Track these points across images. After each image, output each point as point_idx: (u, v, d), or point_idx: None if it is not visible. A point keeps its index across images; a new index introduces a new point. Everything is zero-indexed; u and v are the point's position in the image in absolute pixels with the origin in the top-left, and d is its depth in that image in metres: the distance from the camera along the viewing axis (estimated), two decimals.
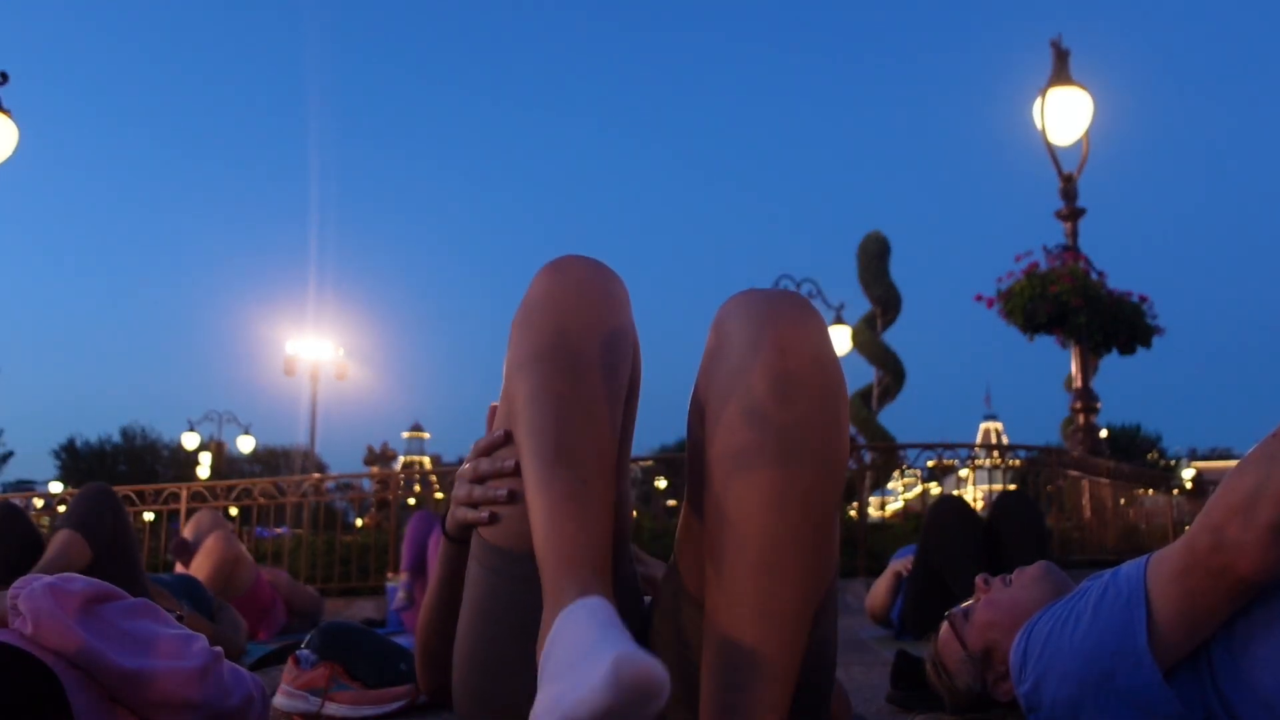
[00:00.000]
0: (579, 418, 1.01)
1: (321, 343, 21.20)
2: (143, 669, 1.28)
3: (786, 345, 0.94)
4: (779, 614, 0.91)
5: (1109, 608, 1.29)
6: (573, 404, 1.01)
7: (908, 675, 1.99)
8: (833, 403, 0.95)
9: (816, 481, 0.93)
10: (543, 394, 1.02)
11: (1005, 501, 3.63)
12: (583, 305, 1.06)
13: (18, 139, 7.71)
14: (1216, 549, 1.17)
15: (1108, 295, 8.34)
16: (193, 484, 7.40)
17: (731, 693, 0.91)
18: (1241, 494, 1.15)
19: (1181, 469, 33.05)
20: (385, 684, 2.05)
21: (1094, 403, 8.65)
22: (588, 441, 1.00)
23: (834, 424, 0.95)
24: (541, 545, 0.94)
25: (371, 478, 9.38)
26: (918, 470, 7.15)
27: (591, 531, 0.94)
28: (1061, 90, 8.89)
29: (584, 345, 1.04)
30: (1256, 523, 1.13)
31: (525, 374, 1.04)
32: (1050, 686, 1.35)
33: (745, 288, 1.01)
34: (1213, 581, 1.19)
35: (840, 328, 14.72)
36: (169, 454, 35.29)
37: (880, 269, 13.98)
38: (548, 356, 1.03)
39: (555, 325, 1.05)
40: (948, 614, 1.71)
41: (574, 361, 1.03)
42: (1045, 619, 1.41)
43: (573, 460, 0.98)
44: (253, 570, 4.38)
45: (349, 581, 6.62)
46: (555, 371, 1.03)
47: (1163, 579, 1.24)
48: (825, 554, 0.96)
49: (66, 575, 1.34)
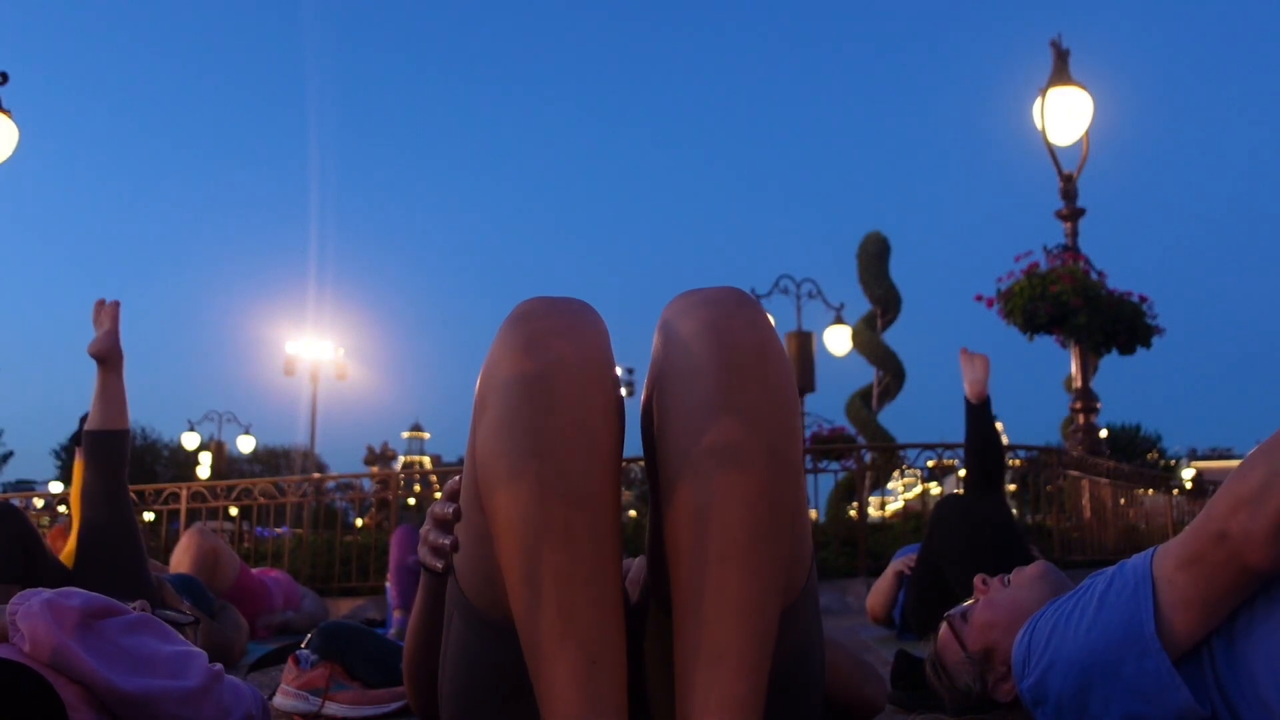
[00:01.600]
0: (582, 573, 0.88)
1: (321, 343, 21.20)
2: (141, 689, 1.26)
3: (729, 341, 0.93)
4: (739, 604, 0.89)
5: (1116, 597, 1.30)
6: (571, 548, 0.88)
7: (908, 675, 1.99)
8: (781, 394, 0.94)
9: (771, 473, 0.91)
10: (531, 529, 0.89)
11: (941, 509, 3.47)
12: (572, 393, 0.91)
13: (18, 138, 7.72)
14: (1224, 538, 1.18)
15: (1108, 295, 8.33)
16: (193, 484, 7.40)
17: (692, 685, 0.89)
18: (1250, 485, 1.16)
19: (1181, 469, 33.05)
20: (385, 684, 2.05)
21: (1094, 403, 8.65)
22: (593, 609, 0.89)
23: (784, 413, 0.93)
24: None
25: (371, 478, 9.36)
26: (918, 470, 7.14)
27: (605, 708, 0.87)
28: (1061, 90, 8.88)
29: (578, 451, 0.90)
30: (1264, 512, 1.14)
31: (504, 486, 0.90)
32: (1056, 678, 1.35)
33: (747, 289, 1.00)
34: (1220, 571, 1.20)
35: (840, 328, 14.72)
36: (169, 454, 35.24)
37: (880, 269, 13.97)
38: (531, 473, 0.89)
39: (537, 427, 0.90)
40: (946, 615, 1.71)
41: (568, 478, 0.89)
42: (1049, 613, 1.41)
43: (577, 629, 0.87)
44: (235, 563, 4.39)
45: (349, 581, 6.62)
46: (545, 493, 0.89)
47: (1170, 568, 1.25)
48: (789, 547, 0.94)
49: (65, 591, 1.33)
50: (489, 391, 0.93)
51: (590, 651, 0.87)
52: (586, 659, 0.87)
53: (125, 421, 3.03)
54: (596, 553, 0.89)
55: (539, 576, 0.88)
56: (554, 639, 0.87)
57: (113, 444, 2.97)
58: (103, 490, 2.95)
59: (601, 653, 0.88)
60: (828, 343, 14.87)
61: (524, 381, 0.91)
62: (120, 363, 3.01)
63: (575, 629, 0.87)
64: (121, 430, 3.01)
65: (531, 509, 0.89)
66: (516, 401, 0.91)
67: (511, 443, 0.90)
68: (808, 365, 14.48)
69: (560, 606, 0.88)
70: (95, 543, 2.89)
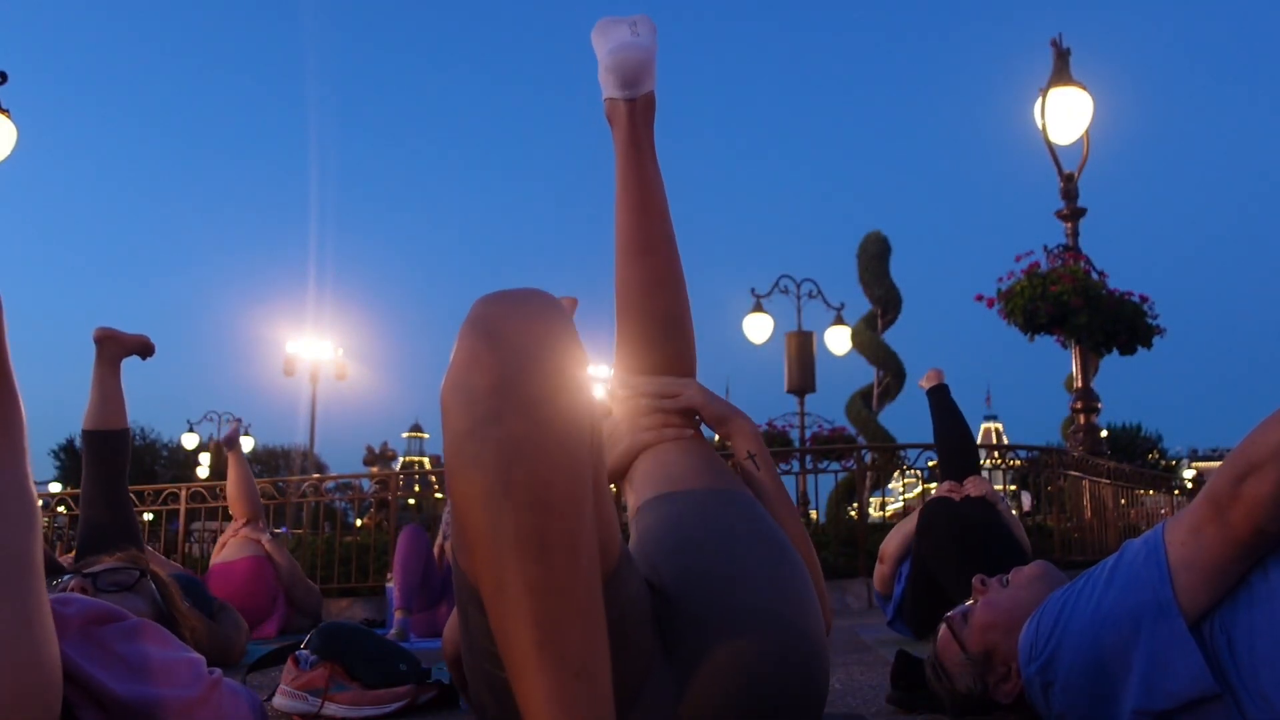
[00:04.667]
0: (559, 582, 0.85)
1: (321, 343, 21.17)
2: (138, 696, 1.25)
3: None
4: (515, 590, 0.85)
5: (1128, 567, 1.30)
6: (546, 558, 0.85)
7: (908, 676, 1.99)
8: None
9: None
10: (502, 539, 0.85)
11: (927, 515, 3.38)
12: (536, 395, 0.87)
13: (17, 138, 7.72)
14: (1235, 500, 1.19)
15: (1108, 295, 8.33)
16: (192, 484, 7.40)
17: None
18: (1264, 448, 1.17)
19: (1182, 469, 33.04)
20: (385, 684, 2.05)
21: (1094, 403, 8.65)
22: (573, 619, 0.85)
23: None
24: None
25: (371, 478, 9.37)
26: (918, 470, 7.14)
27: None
28: (1062, 90, 8.88)
29: (545, 456, 0.86)
30: (1274, 476, 1.15)
31: (472, 498, 0.86)
32: (1068, 654, 1.35)
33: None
34: (1232, 533, 1.20)
35: (840, 328, 14.72)
36: (168, 454, 35.24)
37: (880, 269, 13.98)
38: (498, 481, 0.85)
39: (499, 436, 0.85)
40: (946, 616, 1.71)
41: (538, 485, 0.85)
42: (1055, 600, 1.41)
43: (557, 641, 0.84)
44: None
45: (349, 582, 6.63)
46: (514, 501, 0.85)
47: (1181, 534, 1.25)
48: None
49: (64, 597, 1.31)
50: (451, 401, 0.88)
51: (573, 663, 0.84)
52: (569, 671, 0.84)
53: (124, 421, 3.01)
54: (573, 561, 0.86)
55: (514, 588, 0.84)
56: (533, 652, 0.84)
57: (115, 444, 2.95)
58: (101, 492, 2.93)
59: (586, 663, 0.85)
60: (828, 343, 14.87)
61: (485, 387, 0.86)
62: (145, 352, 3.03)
63: (555, 641, 0.84)
64: (120, 430, 2.99)
65: (501, 519, 0.84)
66: (479, 410, 0.86)
67: (476, 452, 0.85)
68: (808, 365, 14.48)
69: (538, 618, 0.84)
70: (96, 542, 2.89)
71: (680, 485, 1.43)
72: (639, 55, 1.69)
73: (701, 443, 1.56)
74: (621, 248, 1.70)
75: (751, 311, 15.01)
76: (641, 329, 1.65)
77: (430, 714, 2.08)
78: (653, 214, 1.70)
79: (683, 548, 1.28)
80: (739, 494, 1.44)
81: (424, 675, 2.13)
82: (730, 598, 1.20)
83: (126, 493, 3.03)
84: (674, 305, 1.67)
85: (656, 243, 1.69)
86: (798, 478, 7.39)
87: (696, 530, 1.32)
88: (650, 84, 1.74)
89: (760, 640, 1.17)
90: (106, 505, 2.94)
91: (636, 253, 1.68)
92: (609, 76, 1.72)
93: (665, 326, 1.65)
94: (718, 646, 1.14)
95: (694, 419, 1.59)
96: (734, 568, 1.25)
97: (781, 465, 7.54)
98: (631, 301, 1.66)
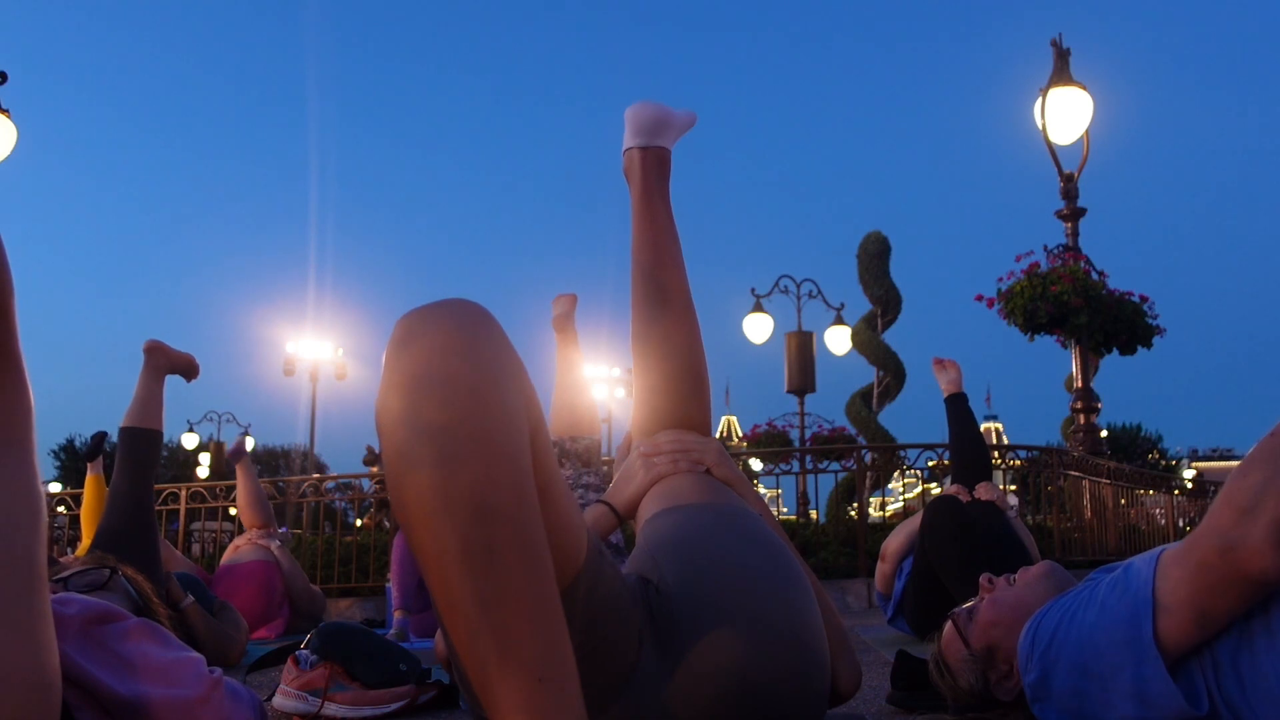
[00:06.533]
0: (514, 589, 0.84)
1: (321, 343, 21.16)
2: (137, 696, 1.25)
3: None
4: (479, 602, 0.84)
5: (1117, 601, 1.29)
6: (496, 567, 0.84)
7: (908, 675, 1.99)
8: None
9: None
10: (450, 553, 0.84)
11: (931, 514, 3.29)
12: (467, 406, 0.85)
13: (16, 138, 7.72)
14: (1224, 550, 1.17)
15: (1108, 295, 8.33)
16: (192, 484, 7.40)
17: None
18: (1246, 493, 1.15)
19: (1182, 469, 33.05)
20: (385, 684, 2.05)
21: (1094, 403, 8.64)
22: (531, 625, 0.85)
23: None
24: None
25: (371, 478, 9.35)
26: (918, 470, 7.13)
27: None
28: (1062, 90, 8.88)
29: (483, 466, 0.84)
30: (1261, 521, 1.13)
31: (417, 518, 0.85)
32: (1058, 677, 1.36)
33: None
34: (1221, 581, 1.19)
35: (840, 328, 14.71)
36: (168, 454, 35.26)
37: (880, 269, 13.97)
38: (439, 496, 0.83)
39: (433, 455, 0.84)
40: (951, 613, 1.70)
41: (479, 496, 0.84)
42: (1054, 610, 1.41)
43: (517, 650, 0.84)
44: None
45: (349, 582, 6.62)
46: (457, 514, 0.83)
47: (1171, 577, 1.24)
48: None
49: (64, 597, 1.31)
50: (383, 425, 0.87)
51: (535, 670, 0.83)
52: (531, 678, 0.83)
53: (159, 423, 3.13)
54: (527, 567, 0.85)
55: (465, 602, 0.83)
56: (493, 662, 0.83)
57: (148, 441, 3.06)
58: (129, 486, 3.00)
59: (548, 668, 0.84)
60: (828, 343, 14.86)
61: (414, 406, 0.85)
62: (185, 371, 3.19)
63: (513, 650, 0.83)
64: (155, 430, 3.11)
65: (445, 532, 0.83)
66: (411, 432, 0.84)
67: (414, 471, 0.84)
68: (808, 365, 14.47)
69: (493, 629, 0.83)
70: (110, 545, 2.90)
71: (685, 500, 1.48)
72: (659, 112, 1.82)
73: (707, 475, 1.62)
74: (636, 302, 1.74)
75: (751, 311, 15.02)
76: (661, 384, 1.70)
77: (430, 714, 2.08)
78: (668, 266, 1.76)
79: (685, 547, 1.31)
80: (744, 509, 1.48)
81: (424, 675, 2.13)
82: (727, 595, 1.22)
83: (152, 490, 3.10)
84: (690, 359, 1.70)
85: (670, 295, 1.72)
86: (798, 478, 7.38)
87: (698, 532, 1.36)
88: (666, 143, 1.84)
89: (753, 641, 1.18)
90: (132, 500, 3.00)
91: (652, 306, 1.72)
92: (627, 127, 1.82)
93: (681, 383, 1.70)
94: (711, 642, 1.17)
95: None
96: (734, 567, 1.28)
97: (781, 465, 7.54)
98: (649, 363, 1.71)
